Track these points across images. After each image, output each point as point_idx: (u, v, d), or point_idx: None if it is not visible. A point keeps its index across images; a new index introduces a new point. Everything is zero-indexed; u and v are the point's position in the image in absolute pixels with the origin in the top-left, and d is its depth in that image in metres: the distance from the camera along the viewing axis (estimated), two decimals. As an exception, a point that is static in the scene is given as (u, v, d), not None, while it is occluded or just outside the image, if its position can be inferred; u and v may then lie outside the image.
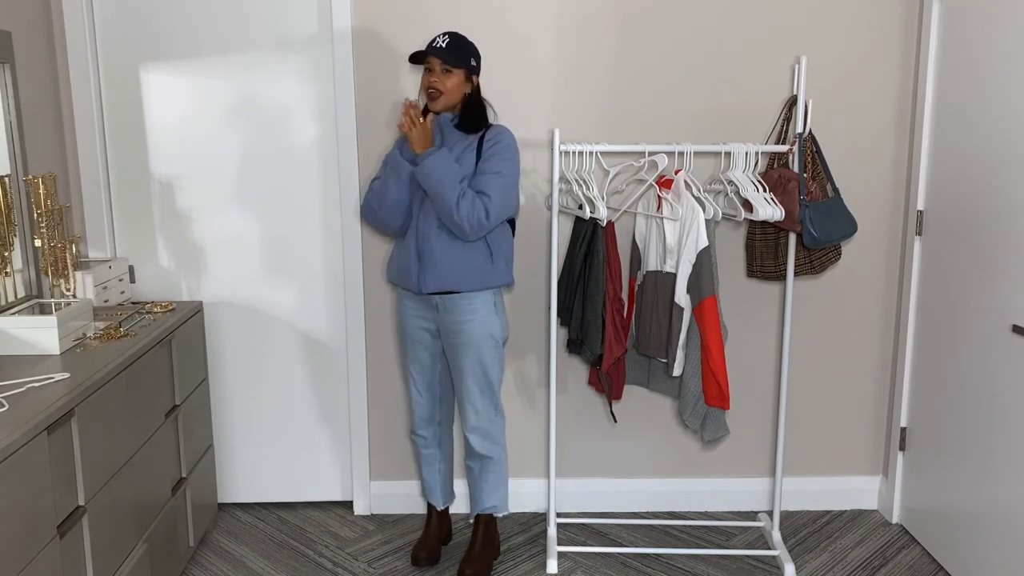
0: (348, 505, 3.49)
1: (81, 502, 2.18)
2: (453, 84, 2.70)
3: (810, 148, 2.83)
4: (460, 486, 3.35)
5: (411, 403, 3.01)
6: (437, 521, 3.12)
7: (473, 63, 2.74)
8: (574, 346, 2.98)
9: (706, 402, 2.81)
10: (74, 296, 2.81)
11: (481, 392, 2.86)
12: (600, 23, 3.11)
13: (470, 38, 3.01)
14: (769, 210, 2.71)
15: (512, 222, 2.91)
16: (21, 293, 2.75)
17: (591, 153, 2.97)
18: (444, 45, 2.68)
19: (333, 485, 3.48)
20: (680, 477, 3.44)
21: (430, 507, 3.12)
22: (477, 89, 2.78)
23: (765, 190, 2.79)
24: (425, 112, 2.78)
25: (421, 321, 2.89)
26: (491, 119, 2.82)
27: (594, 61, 3.13)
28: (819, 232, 2.71)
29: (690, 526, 3.32)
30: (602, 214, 2.75)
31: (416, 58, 2.72)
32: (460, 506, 3.39)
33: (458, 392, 2.89)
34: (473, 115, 2.75)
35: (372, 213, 2.84)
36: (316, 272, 3.31)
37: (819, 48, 3.14)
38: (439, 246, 2.72)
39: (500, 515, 3.02)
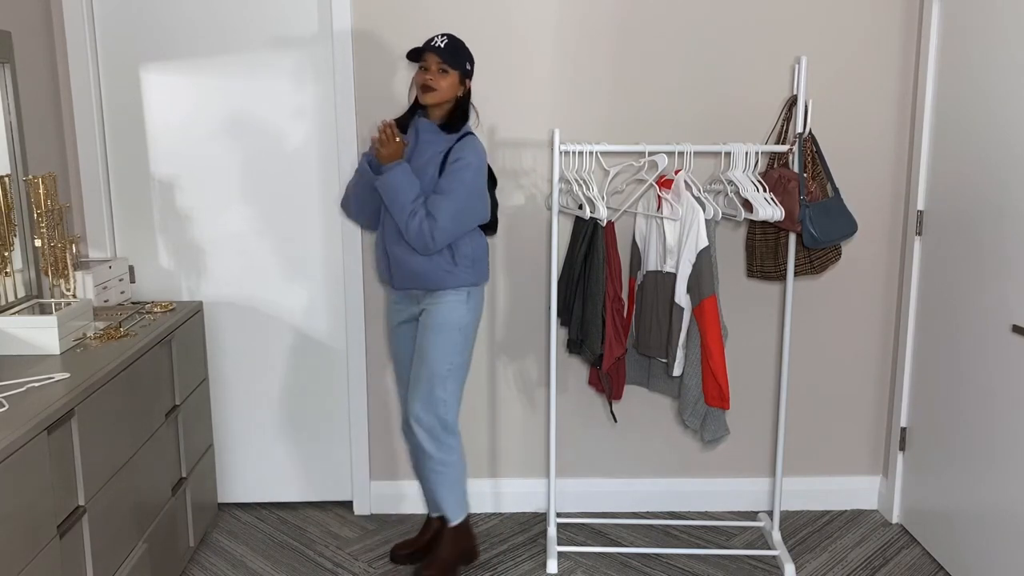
0: (348, 505, 3.49)
1: (81, 502, 2.18)
2: (448, 84, 2.70)
3: (810, 148, 2.83)
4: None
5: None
6: (426, 525, 3.10)
7: (468, 67, 2.75)
8: (574, 346, 2.98)
9: (706, 402, 2.81)
10: (74, 296, 2.81)
11: (428, 380, 2.78)
12: (600, 23, 3.11)
13: (471, 38, 3.01)
14: (769, 210, 2.71)
15: (491, 222, 2.88)
16: (21, 293, 2.75)
17: (591, 153, 2.97)
18: (443, 45, 2.69)
19: (333, 485, 3.48)
20: (680, 477, 3.43)
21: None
22: (468, 93, 2.79)
23: (765, 190, 2.79)
24: (407, 120, 2.80)
25: (399, 314, 2.90)
26: (473, 123, 2.83)
27: (594, 61, 3.13)
28: (819, 232, 2.71)
29: (690, 526, 3.32)
30: (602, 214, 2.75)
31: (414, 55, 2.73)
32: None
33: (412, 377, 2.83)
34: (455, 118, 2.75)
35: (346, 207, 2.93)
36: (316, 272, 3.31)
37: (819, 48, 3.14)
38: (400, 251, 2.75)
39: (453, 523, 2.91)
